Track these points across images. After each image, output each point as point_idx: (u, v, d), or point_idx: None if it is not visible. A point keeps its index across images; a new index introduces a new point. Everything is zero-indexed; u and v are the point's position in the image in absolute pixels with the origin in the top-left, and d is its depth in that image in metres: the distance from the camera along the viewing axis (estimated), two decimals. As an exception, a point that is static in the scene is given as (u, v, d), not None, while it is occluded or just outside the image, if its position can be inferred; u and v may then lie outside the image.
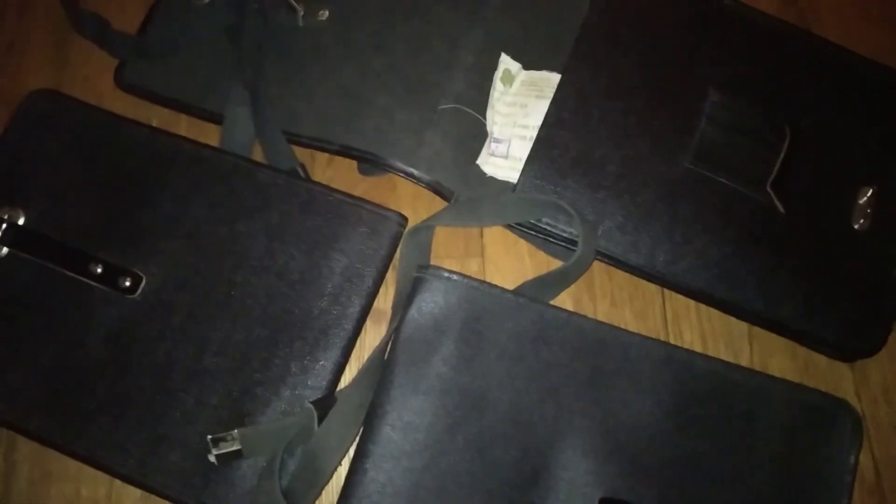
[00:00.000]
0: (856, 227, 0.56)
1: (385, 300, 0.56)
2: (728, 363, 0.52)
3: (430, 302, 0.51)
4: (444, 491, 0.47)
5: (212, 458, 0.48)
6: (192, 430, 0.50)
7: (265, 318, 0.52)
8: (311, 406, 0.48)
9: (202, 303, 0.53)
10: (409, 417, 0.49)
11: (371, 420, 0.49)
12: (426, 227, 0.55)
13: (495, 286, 0.52)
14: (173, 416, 0.50)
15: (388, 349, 0.51)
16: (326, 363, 0.51)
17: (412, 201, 0.60)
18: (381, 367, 0.50)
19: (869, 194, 0.57)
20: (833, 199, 0.57)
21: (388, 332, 0.52)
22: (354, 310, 0.53)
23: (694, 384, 0.50)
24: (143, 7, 0.64)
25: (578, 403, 0.49)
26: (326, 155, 0.60)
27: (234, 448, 0.48)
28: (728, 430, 0.50)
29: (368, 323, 0.54)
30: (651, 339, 0.52)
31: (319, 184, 0.56)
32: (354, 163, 0.60)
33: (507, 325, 0.51)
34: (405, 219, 0.55)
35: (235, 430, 0.48)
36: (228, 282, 0.53)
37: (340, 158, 0.60)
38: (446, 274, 0.52)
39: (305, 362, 0.51)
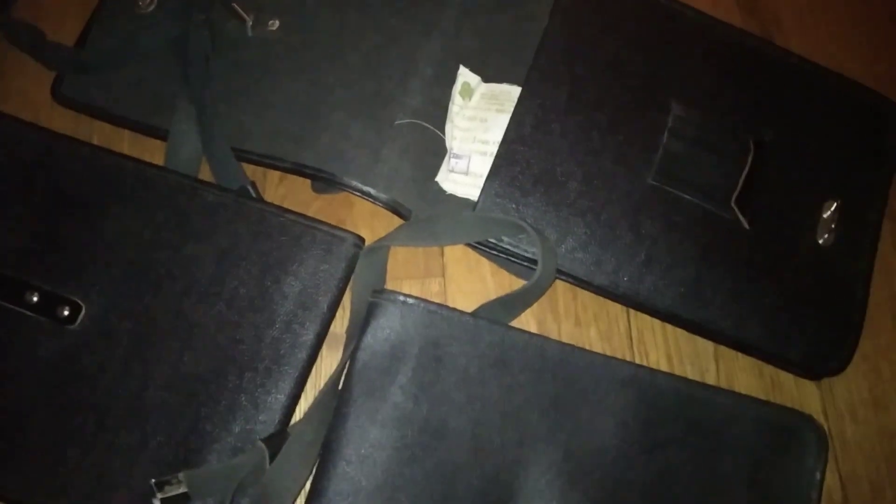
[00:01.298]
0: (820, 241, 0.56)
1: (341, 325, 0.54)
2: (692, 381, 0.51)
3: (385, 328, 0.49)
4: None
5: (156, 503, 0.45)
6: (136, 472, 0.47)
7: (213, 349, 0.50)
8: (261, 444, 0.46)
9: (146, 333, 0.50)
10: (365, 451, 0.47)
11: (326, 456, 0.47)
12: (381, 248, 0.53)
13: (454, 309, 0.50)
14: (115, 456, 0.47)
15: (343, 379, 0.49)
16: (279, 395, 0.49)
17: (370, 220, 0.57)
18: (335, 399, 0.48)
19: (833, 208, 0.56)
20: (797, 214, 0.56)
21: (342, 359, 0.50)
22: (308, 337, 0.50)
23: (658, 404, 0.50)
24: (83, 16, 0.61)
25: (541, 428, 0.48)
26: (278, 172, 0.57)
27: (181, 491, 0.45)
28: (694, 449, 0.49)
29: (324, 349, 0.52)
30: (614, 358, 0.51)
31: (271, 204, 0.53)
32: (308, 181, 0.57)
33: (467, 350, 0.49)
34: (362, 240, 0.53)
35: (181, 473, 0.45)
36: (174, 310, 0.50)
37: (293, 176, 0.57)
38: (402, 298, 0.50)
39: (256, 395, 0.49)
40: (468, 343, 0.49)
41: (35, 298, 0.50)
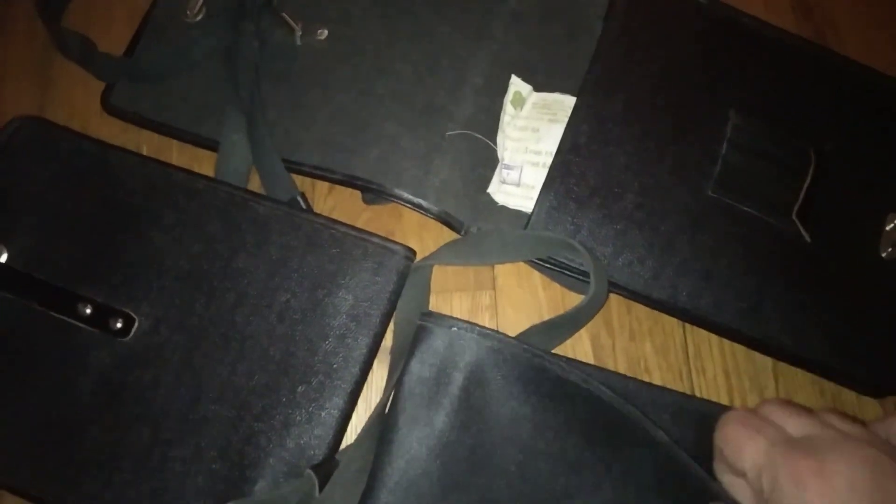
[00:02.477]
0: (884, 255, 0.54)
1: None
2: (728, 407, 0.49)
3: (432, 353, 0.48)
4: None
5: None
6: (191, 484, 0.47)
7: (266, 362, 0.49)
8: (310, 472, 0.45)
9: (198, 345, 0.50)
10: (410, 479, 0.45)
11: (370, 483, 0.46)
12: (424, 267, 0.52)
13: (503, 336, 0.48)
14: (170, 468, 0.47)
15: (389, 404, 0.48)
16: (332, 410, 0.48)
17: (419, 231, 0.57)
18: (382, 425, 0.47)
19: None
20: (860, 227, 0.54)
21: (387, 383, 0.49)
22: (361, 351, 0.50)
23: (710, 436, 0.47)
24: (132, 26, 0.61)
25: (593, 462, 0.46)
26: (327, 183, 0.57)
27: None
28: None
29: (376, 364, 0.51)
30: (668, 389, 0.49)
31: (321, 216, 0.53)
32: (357, 192, 0.57)
33: (515, 379, 0.47)
34: (413, 252, 0.52)
35: (229, 503, 0.45)
36: (226, 322, 0.50)
37: (342, 187, 0.57)
38: (451, 322, 0.48)
39: (310, 409, 0.48)
40: (517, 372, 0.48)
41: (88, 310, 0.50)
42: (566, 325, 0.52)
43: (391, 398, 0.48)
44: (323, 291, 0.51)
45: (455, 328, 0.48)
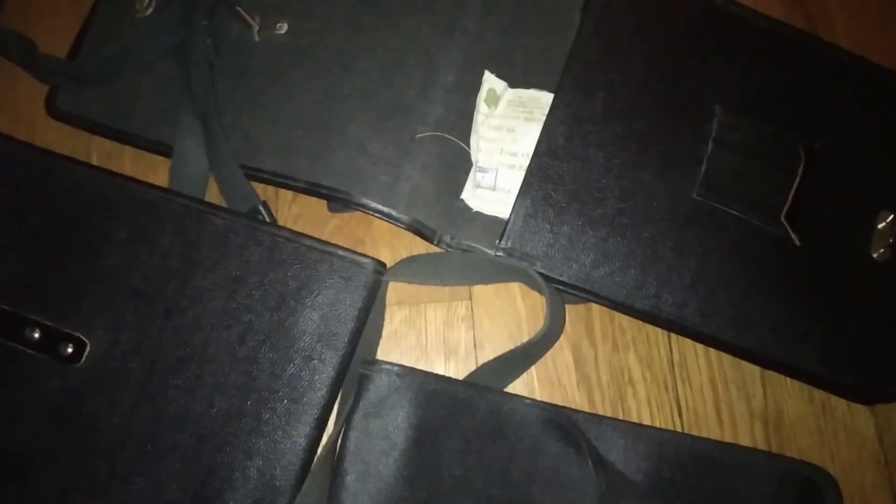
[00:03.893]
0: (875, 256, 0.52)
1: (364, 360, 0.50)
2: (702, 439, 0.48)
3: (377, 404, 0.46)
4: None
5: None
6: (150, 521, 0.44)
7: (227, 388, 0.46)
8: None
9: (155, 371, 0.47)
10: None
11: None
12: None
13: (449, 379, 0.47)
14: (129, 502, 0.44)
15: (336, 457, 0.45)
16: (299, 438, 0.46)
17: (390, 240, 0.54)
18: (328, 477, 0.45)
19: (889, 220, 0.52)
20: (851, 228, 0.52)
21: (334, 428, 0.47)
22: (329, 374, 0.47)
23: (668, 465, 0.47)
24: (77, 21, 0.56)
25: (544, 501, 0.45)
26: (291, 191, 0.54)
27: None
28: None
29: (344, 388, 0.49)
30: (623, 421, 0.48)
31: (285, 228, 0.50)
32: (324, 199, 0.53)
33: (463, 423, 0.46)
34: (383, 265, 0.49)
35: None
36: (184, 345, 0.47)
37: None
38: (395, 369, 0.46)
39: (276, 437, 0.45)
40: (464, 415, 0.46)
41: (36, 335, 0.47)
42: (518, 360, 0.50)
43: (338, 453, 0.46)
44: (287, 310, 0.48)
45: (399, 376, 0.46)
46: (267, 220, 0.51)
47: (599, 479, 0.45)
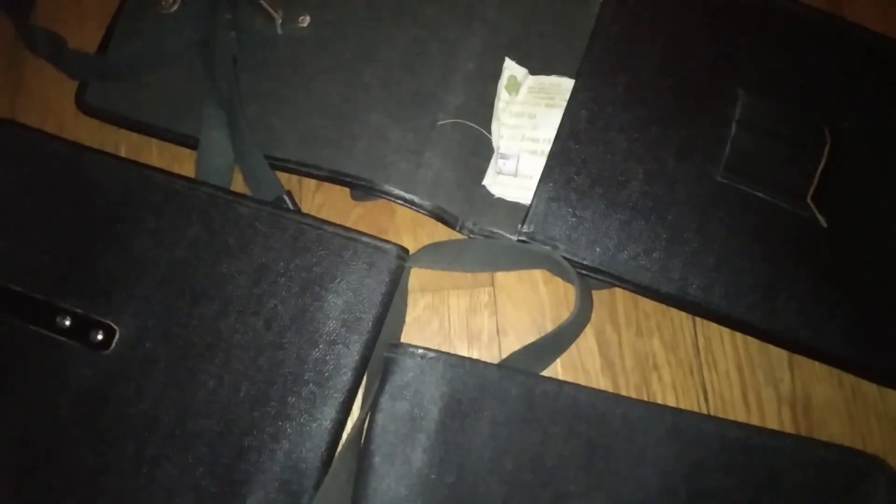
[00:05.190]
0: None
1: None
2: (742, 424, 0.47)
3: (403, 387, 0.45)
4: None
5: None
6: (180, 501, 0.45)
7: (254, 372, 0.47)
8: None
9: (183, 357, 0.47)
10: None
11: None
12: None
13: (477, 361, 0.46)
14: (157, 487, 0.45)
15: (363, 440, 0.45)
16: (324, 421, 0.46)
17: (413, 228, 0.54)
18: (357, 457, 0.45)
19: None
20: (879, 210, 0.51)
21: (360, 413, 0.47)
22: (353, 358, 0.47)
23: (704, 453, 0.45)
24: (105, 20, 0.58)
25: (578, 485, 0.44)
26: (315, 180, 0.54)
27: None
28: (747, 499, 0.45)
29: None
30: (654, 404, 0.47)
31: (309, 215, 0.50)
32: (347, 187, 0.54)
33: (493, 405, 0.45)
34: (406, 251, 0.49)
35: None
36: (211, 332, 0.48)
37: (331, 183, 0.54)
38: (421, 352, 0.46)
39: (301, 421, 0.46)
40: (494, 397, 0.45)
41: (67, 323, 0.48)
42: (548, 347, 0.49)
43: (364, 435, 0.46)
44: (311, 296, 0.48)
45: (424, 358, 0.46)
46: (291, 208, 0.51)
47: (634, 463, 0.44)
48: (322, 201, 0.55)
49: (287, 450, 0.45)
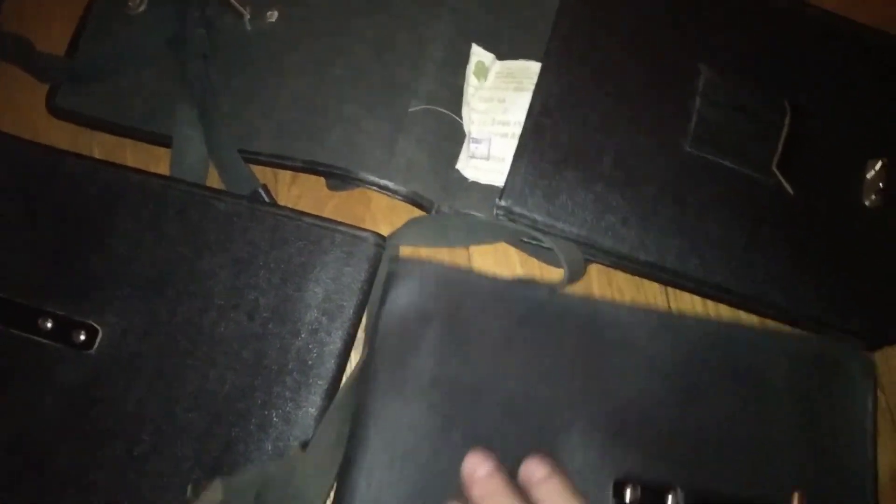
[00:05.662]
0: (867, 203, 0.52)
1: (369, 330, 0.51)
2: (726, 322, 0.50)
3: (406, 294, 0.47)
4: (445, 492, 0.43)
5: None
6: (170, 498, 0.45)
7: (238, 365, 0.47)
8: (299, 449, 0.45)
9: (167, 353, 0.48)
10: (398, 420, 0.44)
11: (358, 428, 0.45)
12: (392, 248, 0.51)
13: (473, 271, 0.48)
14: (147, 483, 0.45)
15: (367, 353, 0.47)
16: (310, 408, 0.46)
17: (389, 216, 0.55)
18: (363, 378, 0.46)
19: (878, 167, 0.53)
20: (841, 176, 0.52)
21: (364, 343, 0.48)
22: (336, 345, 0.48)
23: (692, 349, 0.47)
24: (72, 19, 0.58)
25: (574, 384, 0.46)
26: (290, 172, 0.55)
27: (216, 500, 0.43)
28: (735, 391, 0.47)
29: (353, 357, 0.49)
30: (642, 307, 0.49)
31: (285, 208, 0.51)
32: (322, 178, 0.54)
33: (491, 310, 0.47)
34: (383, 238, 0.50)
35: (217, 479, 0.43)
36: (194, 327, 0.48)
37: (306, 174, 0.54)
38: (421, 262, 0.48)
39: (287, 409, 0.46)
40: (492, 303, 0.47)
41: (49, 325, 0.48)
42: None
43: (367, 345, 0.47)
44: (292, 286, 0.49)
45: (424, 269, 0.47)
46: (267, 201, 0.52)
47: (627, 361, 0.46)
48: (298, 193, 0.55)
49: (274, 438, 0.46)
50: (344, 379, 0.48)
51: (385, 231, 0.52)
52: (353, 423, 0.45)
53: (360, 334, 0.49)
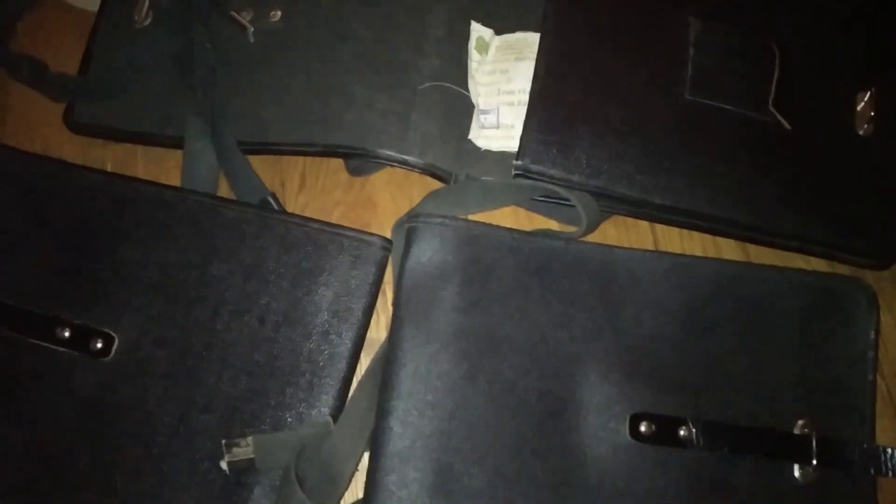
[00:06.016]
0: (861, 132, 0.54)
1: (377, 330, 0.52)
2: (734, 261, 0.52)
3: (426, 250, 0.49)
4: (473, 436, 0.46)
5: (223, 466, 0.45)
6: (187, 498, 0.46)
7: (251, 367, 0.48)
8: (329, 418, 0.46)
9: (181, 357, 0.48)
10: (426, 368, 0.46)
11: (390, 379, 0.46)
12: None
13: (490, 225, 0.50)
14: (165, 483, 0.46)
15: (392, 305, 0.49)
16: (322, 408, 0.47)
17: (394, 220, 0.56)
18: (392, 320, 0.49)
19: (867, 98, 0.54)
20: (835, 109, 0.54)
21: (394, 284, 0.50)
22: (346, 347, 0.48)
23: (702, 287, 0.50)
24: (82, 34, 0.59)
25: (590, 326, 0.48)
26: (297, 180, 0.56)
27: (248, 456, 0.44)
28: (742, 326, 0.49)
29: (363, 357, 0.50)
30: (651, 251, 0.52)
31: (294, 214, 0.52)
32: (328, 186, 0.56)
33: (508, 261, 0.49)
34: (389, 242, 0.51)
35: (250, 437, 0.45)
36: (207, 331, 0.49)
37: (312, 182, 0.56)
38: (439, 219, 0.49)
39: (300, 410, 0.47)
40: (509, 254, 0.49)
41: (66, 334, 0.49)
42: None
43: (393, 300, 0.49)
44: (302, 290, 0.49)
45: (444, 225, 0.49)
46: (276, 209, 0.53)
47: (640, 302, 0.49)
48: (305, 202, 0.56)
49: (288, 439, 0.47)
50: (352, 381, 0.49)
51: (389, 235, 0.53)
52: (384, 374, 0.47)
53: (370, 335, 0.50)
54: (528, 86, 0.52)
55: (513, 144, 0.52)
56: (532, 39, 0.54)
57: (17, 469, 0.47)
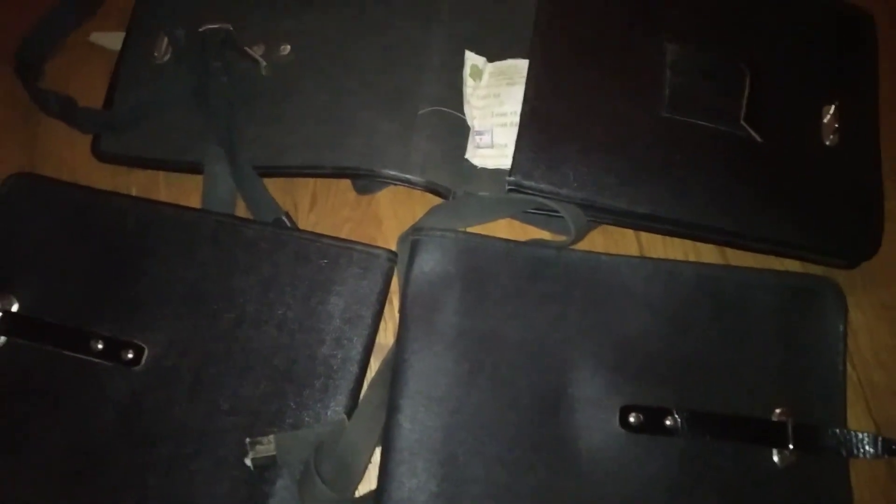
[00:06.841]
0: (827, 143, 0.58)
1: (386, 336, 0.56)
2: (711, 264, 0.57)
3: (429, 260, 0.53)
4: (475, 429, 0.49)
5: (248, 462, 0.49)
6: (216, 492, 0.49)
7: (271, 371, 0.52)
8: (344, 416, 0.50)
9: (206, 364, 0.52)
10: (431, 367, 0.50)
11: (398, 379, 0.50)
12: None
13: (487, 236, 0.54)
14: (194, 480, 0.50)
15: (399, 312, 0.53)
16: (337, 407, 0.51)
17: (398, 234, 0.60)
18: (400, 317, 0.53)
19: (832, 111, 0.59)
20: (802, 122, 0.59)
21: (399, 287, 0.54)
22: (357, 351, 0.52)
23: (683, 289, 0.54)
24: (107, 74, 0.64)
25: (582, 326, 0.52)
26: (308, 200, 0.60)
27: (270, 453, 0.48)
28: (722, 323, 0.53)
29: (373, 361, 0.54)
30: (636, 257, 0.56)
31: (307, 231, 0.56)
32: (337, 204, 0.60)
33: (505, 268, 0.53)
34: (395, 254, 0.55)
35: (272, 435, 0.49)
36: (230, 340, 0.53)
37: (322, 202, 0.60)
38: (440, 232, 0.54)
39: (317, 409, 0.51)
40: (504, 262, 0.53)
41: (100, 346, 0.53)
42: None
43: (399, 307, 0.53)
44: (316, 300, 0.54)
45: (445, 237, 0.53)
46: (290, 226, 0.58)
47: (627, 304, 0.52)
48: (316, 219, 0.60)
49: (307, 436, 0.51)
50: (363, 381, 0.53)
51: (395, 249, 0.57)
52: (393, 374, 0.51)
53: (379, 340, 0.54)
54: (518, 108, 0.56)
55: (506, 162, 0.56)
56: (522, 66, 0.59)
57: (62, 469, 0.51)
